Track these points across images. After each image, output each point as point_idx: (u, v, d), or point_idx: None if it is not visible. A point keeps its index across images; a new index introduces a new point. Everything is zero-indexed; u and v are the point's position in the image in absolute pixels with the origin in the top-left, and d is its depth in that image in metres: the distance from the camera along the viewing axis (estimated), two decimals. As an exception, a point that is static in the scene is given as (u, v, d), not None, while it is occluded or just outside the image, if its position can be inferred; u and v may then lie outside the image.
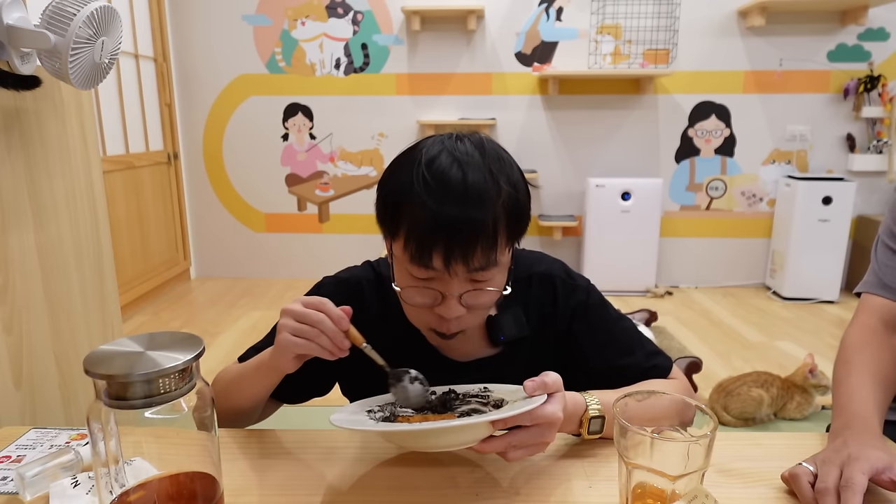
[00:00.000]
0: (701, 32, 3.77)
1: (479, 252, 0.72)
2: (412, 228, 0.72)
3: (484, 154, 0.74)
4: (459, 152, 0.73)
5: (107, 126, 3.29)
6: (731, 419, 2.24)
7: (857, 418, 0.76)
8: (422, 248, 0.72)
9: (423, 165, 0.72)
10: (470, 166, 0.72)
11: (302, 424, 0.90)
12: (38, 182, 1.18)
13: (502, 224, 0.74)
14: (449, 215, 0.70)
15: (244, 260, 4.25)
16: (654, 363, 0.89)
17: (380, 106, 3.95)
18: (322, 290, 0.93)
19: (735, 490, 0.71)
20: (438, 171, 0.71)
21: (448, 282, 0.75)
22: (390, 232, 0.77)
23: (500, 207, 0.73)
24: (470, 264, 0.72)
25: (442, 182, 0.71)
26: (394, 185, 0.76)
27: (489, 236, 0.72)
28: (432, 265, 0.72)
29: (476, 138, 0.77)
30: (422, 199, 0.71)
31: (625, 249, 3.84)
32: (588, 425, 0.76)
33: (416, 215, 0.71)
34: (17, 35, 0.98)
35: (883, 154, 3.79)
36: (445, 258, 0.71)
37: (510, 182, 0.75)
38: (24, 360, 1.13)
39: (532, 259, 0.94)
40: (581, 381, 0.92)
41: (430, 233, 0.71)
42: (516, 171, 0.78)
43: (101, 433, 0.54)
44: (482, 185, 0.71)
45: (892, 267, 0.94)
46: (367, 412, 0.76)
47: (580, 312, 0.90)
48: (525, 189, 0.79)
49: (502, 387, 0.79)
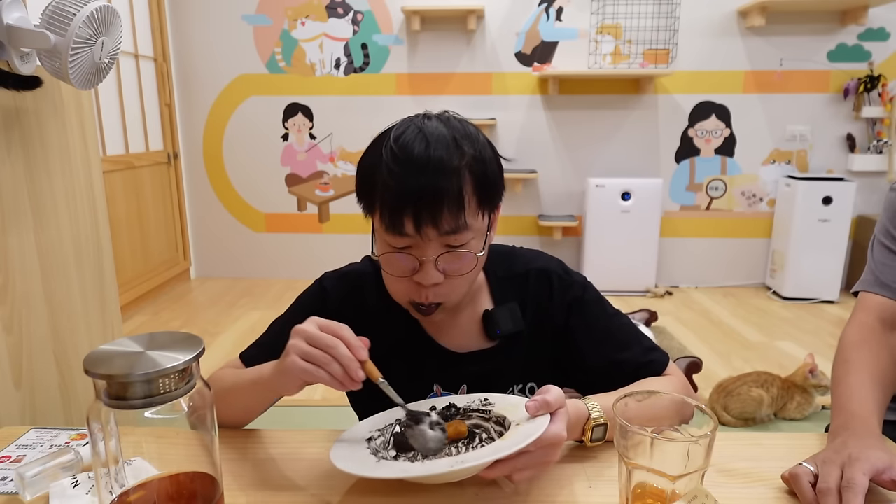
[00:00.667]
0: (701, 32, 3.77)
1: (447, 214, 0.75)
2: (384, 199, 0.76)
3: (449, 127, 0.78)
4: (426, 126, 0.78)
5: (107, 126, 3.29)
6: (731, 419, 2.24)
7: (855, 418, 0.76)
8: (393, 215, 0.75)
9: (392, 141, 0.77)
10: (434, 136, 0.76)
11: (302, 424, 0.90)
12: (38, 182, 1.18)
13: (469, 187, 0.77)
14: (416, 182, 0.74)
15: (244, 260, 4.25)
16: (651, 358, 0.89)
17: (380, 106, 3.95)
18: (325, 283, 0.94)
19: (735, 490, 0.71)
20: (404, 144, 0.76)
21: (423, 247, 0.77)
22: (368, 206, 0.81)
23: (466, 171, 0.76)
24: (440, 227, 0.75)
25: (407, 153, 0.75)
26: (367, 161, 0.81)
27: (455, 199, 0.75)
28: (405, 231, 0.75)
29: (444, 116, 0.81)
30: (390, 170, 0.75)
31: (625, 249, 3.84)
32: (591, 433, 0.76)
33: (386, 186, 0.76)
34: (17, 35, 0.98)
35: (883, 154, 3.79)
36: (416, 223, 0.75)
37: (474, 148, 0.78)
38: (24, 360, 1.13)
39: (529, 256, 0.96)
40: (577, 376, 0.93)
41: (399, 200, 0.75)
42: (482, 142, 0.81)
43: (101, 433, 0.54)
44: (445, 153, 0.75)
45: (888, 265, 0.94)
46: (366, 441, 0.73)
47: (576, 308, 0.91)
48: (494, 158, 0.82)
49: (503, 399, 0.78)
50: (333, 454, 0.69)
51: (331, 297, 0.92)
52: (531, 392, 0.93)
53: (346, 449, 0.72)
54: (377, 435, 0.76)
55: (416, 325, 0.90)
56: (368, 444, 0.73)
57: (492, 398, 0.80)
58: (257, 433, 0.85)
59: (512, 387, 0.92)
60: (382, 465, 0.68)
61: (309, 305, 0.93)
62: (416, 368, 0.90)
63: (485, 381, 0.90)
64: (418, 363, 0.90)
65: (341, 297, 0.92)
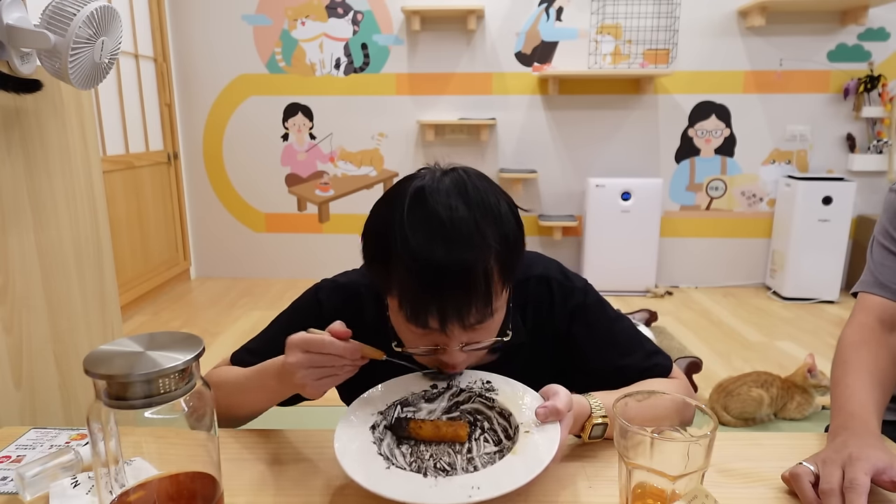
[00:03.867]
0: (701, 32, 3.77)
1: (475, 311, 0.71)
2: (403, 291, 0.71)
3: (468, 202, 0.71)
4: (442, 205, 0.70)
5: (107, 126, 3.29)
6: (731, 419, 2.24)
7: (855, 418, 0.76)
8: (416, 311, 0.71)
9: (407, 225, 0.69)
10: (455, 227, 0.68)
11: (302, 424, 0.90)
12: (38, 182, 1.18)
13: (495, 275, 0.72)
14: (439, 285, 0.68)
15: (244, 260, 4.25)
16: (655, 362, 0.89)
17: (380, 106, 3.95)
18: (320, 294, 0.92)
19: (735, 490, 0.71)
20: (423, 240, 0.68)
21: (447, 338, 0.74)
22: (383, 287, 0.76)
23: (493, 261, 0.71)
24: (466, 322, 0.71)
25: (427, 251, 0.68)
26: (378, 245, 0.73)
27: (483, 294, 0.70)
28: (429, 325, 0.72)
29: (459, 179, 0.73)
30: (408, 265, 0.69)
31: (625, 249, 3.84)
32: (590, 431, 0.76)
33: (405, 279, 0.70)
34: (17, 35, 0.98)
35: (883, 154, 3.79)
36: (441, 320, 0.70)
37: (499, 233, 0.72)
38: (24, 360, 1.13)
39: (528, 261, 0.93)
40: (580, 381, 0.92)
41: (421, 298, 0.70)
42: (505, 214, 0.73)
43: (101, 433, 0.54)
44: (469, 253, 0.68)
45: (887, 266, 0.94)
46: (370, 430, 0.72)
47: (579, 314, 0.90)
48: (514, 221, 0.75)
49: (504, 385, 0.78)
50: (339, 450, 0.68)
51: (326, 307, 0.90)
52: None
53: (351, 442, 0.70)
54: (380, 420, 0.74)
55: None
56: (373, 433, 0.72)
57: (495, 382, 0.79)
58: (257, 433, 0.85)
59: None
60: (393, 475, 0.65)
61: (304, 316, 0.91)
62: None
63: None
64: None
65: (336, 309, 0.89)
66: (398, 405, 0.77)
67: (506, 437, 0.71)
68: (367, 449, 0.69)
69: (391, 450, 0.71)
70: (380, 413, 0.75)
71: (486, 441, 0.72)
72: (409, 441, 0.73)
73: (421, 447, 0.72)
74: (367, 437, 0.71)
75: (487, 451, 0.70)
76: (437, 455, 0.70)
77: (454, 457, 0.70)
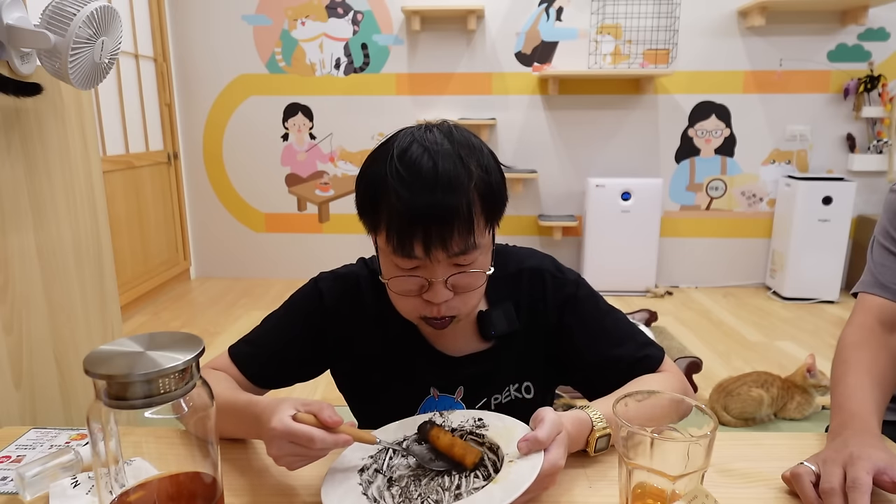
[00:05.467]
0: (701, 32, 3.77)
1: (457, 237, 0.73)
2: (391, 220, 0.74)
3: (453, 141, 0.76)
4: (429, 142, 0.75)
5: (107, 126, 3.29)
6: (731, 419, 2.24)
7: (854, 417, 0.76)
8: (402, 238, 0.73)
9: (396, 158, 0.74)
10: (440, 154, 0.74)
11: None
12: (38, 182, 1.18)
13: (477, 207, 0.75)
14: (424, 204, 0.72)
15: (244, 260, 4.25)
16: (646, 353, 0.89)
17: (380, 106, 3.95)
18: (320, 284, 0.93)
19: (735, 490, 0.71)
20: (410, 162, 0.73)
21: (432, 268, 0.76)
22: (372, 226, 0.79)
23: (473, 191, 0.75)
24: (450, 249, 0.74)
25: (414, 172, 0.73)
26: (369, 179, 0.78)
27: (465, 220, 0.73)
28: (414, 254, 0.74)
29: (445, 127, 0.79)
30: (397, 191, 0.73)
31: (625, 249, 3.84)
32: (595, 444, 0.76)
33: (392, 207, 0.73)
34: (17, 35, 0.98)
35: (883, 154, 3.79)
36: (425, 246, 0.73)
37: (481, 165, 0.77)
38: (24, 360, 1.13)
39: (522, 255, 0.95)
40: (573, 373, 0.93)
41: (407, 223, 0.73)
42: (487, 155, 0.79)
43: (101, 433, 0.54)
44: (453, 172, 0.73)
45: (887, 266, 0.94)
46: (358, 474, 0.72)
47: (570, 306, 0.91)
48: (497, 170, 0.80)
49: (497, 421, 0.77)
50: (325, 492, 0.68)
51: (326, 297, 0.91)
52: (527, 391, 0.92)
53: (337, 486, 0.70)
54: (370, 463, 0.74)
55: (411, 329, 0.89)
56: (360, 475, 0.71)
57: (486, 419, 0.78)
58: (257, 433, 0.85)
59: (508, 386, 0.92)
60: None
61: (304, 306, 0.92)
62: (411, 372, 0.90)
63: (481, 383, 0.90)
64: (414, 367, 0.90)
65: (337, 297, 0.91)
66: (389, 449, 0.76)
67: (494, 471, 0.71)
68: (352, 489, 0.69)
69: (381, 492, 0.70)
70: (370, 457, 0.75)
71: (477, 477, 0.71)
72: (398, 484, 0.72)
73: (410, 488, 0.71)
74: (354, 480, 0.70)
75: (476, 486, 0.69)
76: (426, 494, 0.69)
77: (442, 494, 0.69)
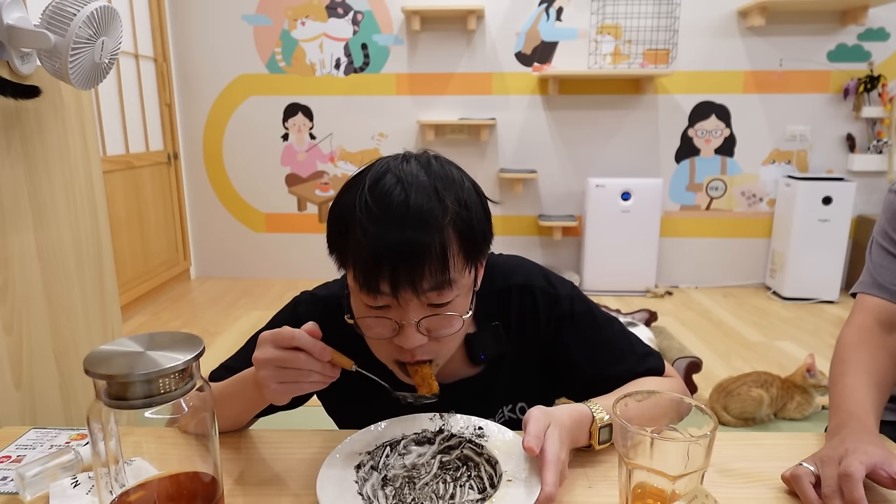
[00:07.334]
0: (701, 32, 3.77)
1: (428, 275, 0.68)
2: (357, 255, 0.69)
3: (430, 173, 0.71)
4: (404, 173, 0.70)
5: (107, 126, 3.29)
6: (731, 419, 2.24)
7: (853, 417, 0.76)
8: (368, 274, 0.68)
9: (367, 190, 0.69)
10: (413, 187, 0.68)
11: (302, 424, 0.90)
12: (38, 182, 1.18)
13: (454, 245, 0.70)
14: (392, 240, 0.66)
15: (244, 260, 4.25)
16: (647, 367, 0.87)
17: (380, 106, 3.95)
18: (299, 308, 0.89)
19: (735, 490, 0.71)
20: (381, 195, 0.68)
21: (402, 310, 0.71)
22: (341, 261, 0.74)
23: (449, 227, 0.69)
24: (419, 288, 0.68)
25: (384, 206, 0.67)
26: (339, 211, 0.72)
27: (438, 259, 0.68)
28: (381, 290, 0.69)
29: (425, 158, 0.74)
30: (364, 226, 0.67)
31: (625, 249, 3.84)
32: (598, 435, 0.75)
33: (359, 241, 0.68)
34: (17, 35, 0.98)
35: (883, 154, 3.79)
36: (392, 284, 0.68)
37: (459, 200, 0.70)
38: (24, 360, 1.13)
39: (509, 267, 0.90)
40: (571, 389, 0.90)
41: (373, 260, 0.67)
42: (468, 189, 0.73)
43: (101, 433, 0.54)
44: (426, 206, 0.67)
45: (886, 267, 0.94)
46: (355, 470, 0.72)
47: (566, 324, 0.87)
48: (480, 205, 0.74)
49: (497, 432, 0.77)
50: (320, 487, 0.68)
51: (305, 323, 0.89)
52: (521, 412, 0.90)
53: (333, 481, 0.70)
54: (366, 460, 0.74)
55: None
56: (356, 472, 0.71)
57: (486, 428, 0.78)
58: (257, 433, 0.85)
59: (501, 408, 0.89)
60: None
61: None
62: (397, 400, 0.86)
63: (472, 408, 0.84)
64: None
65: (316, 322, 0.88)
66: (387, 446, 0.76)
67: (490, 486, 0.70)
68: (348, 487, 0.68)
69: (374, 491, 0.70)
70: (367, 453, 0.74)
71: (471, 488, 0.70)
72: (393, 484, 0.72)
73: (405, 490, 0.70)
74: (350, 476, 0.70)
75: (471, 499, 0.69)
76: (419, 500, 0.68)
77: (436, 501, 0.68)
